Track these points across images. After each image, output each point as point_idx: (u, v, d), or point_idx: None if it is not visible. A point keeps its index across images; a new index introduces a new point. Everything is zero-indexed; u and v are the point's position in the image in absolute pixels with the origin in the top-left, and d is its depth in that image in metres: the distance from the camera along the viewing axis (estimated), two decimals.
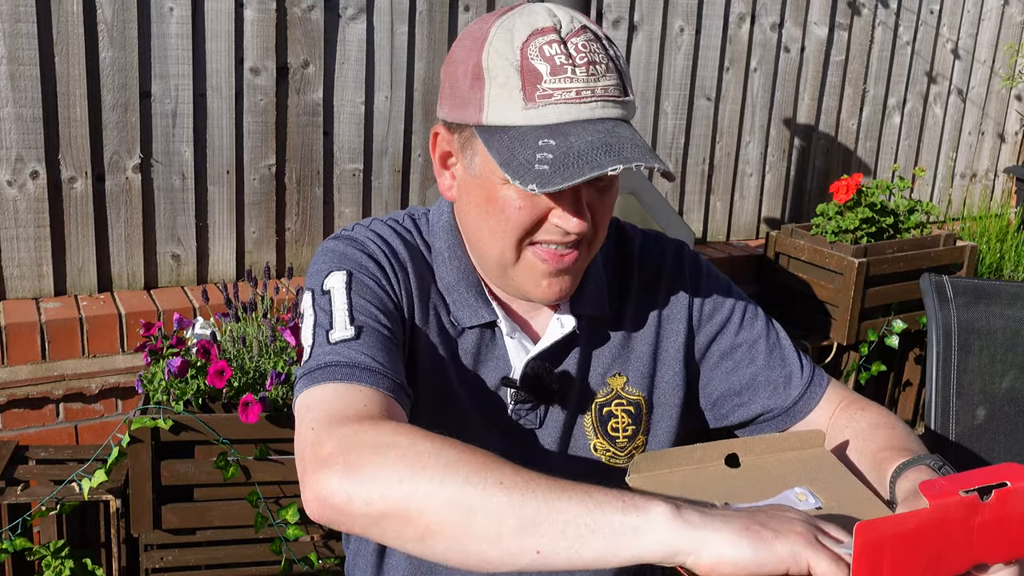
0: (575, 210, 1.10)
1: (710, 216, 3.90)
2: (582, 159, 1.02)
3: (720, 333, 1.33)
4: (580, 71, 1.05)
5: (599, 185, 1.12)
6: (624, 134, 1.06)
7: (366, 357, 1.06)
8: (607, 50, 1.09)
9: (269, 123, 2.97)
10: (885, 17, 4.10)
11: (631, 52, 3.54)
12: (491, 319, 1.23)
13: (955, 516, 0.81)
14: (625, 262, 1.34)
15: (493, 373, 1.25)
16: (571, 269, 1.16)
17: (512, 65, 1.07)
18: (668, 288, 1.33)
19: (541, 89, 1.05)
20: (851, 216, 3.32)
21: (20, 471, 2.35)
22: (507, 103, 1.07)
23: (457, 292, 1.24)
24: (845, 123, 4.15)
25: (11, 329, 2.55)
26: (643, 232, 1.38)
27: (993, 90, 4.56)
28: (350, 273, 1.16)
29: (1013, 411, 1.71)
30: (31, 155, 2.68)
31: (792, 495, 1.03)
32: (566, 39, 1.07)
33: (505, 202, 1.11)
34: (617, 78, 1.09)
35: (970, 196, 4.66)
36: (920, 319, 3.43)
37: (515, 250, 1.15)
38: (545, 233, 1.12)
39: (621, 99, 1.08)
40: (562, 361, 1.27)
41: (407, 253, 1.24)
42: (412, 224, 1.29)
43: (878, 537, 0.77)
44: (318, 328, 1.10)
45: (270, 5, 2.89)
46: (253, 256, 3.06)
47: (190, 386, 2.20)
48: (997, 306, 1.74)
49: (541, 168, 1.03)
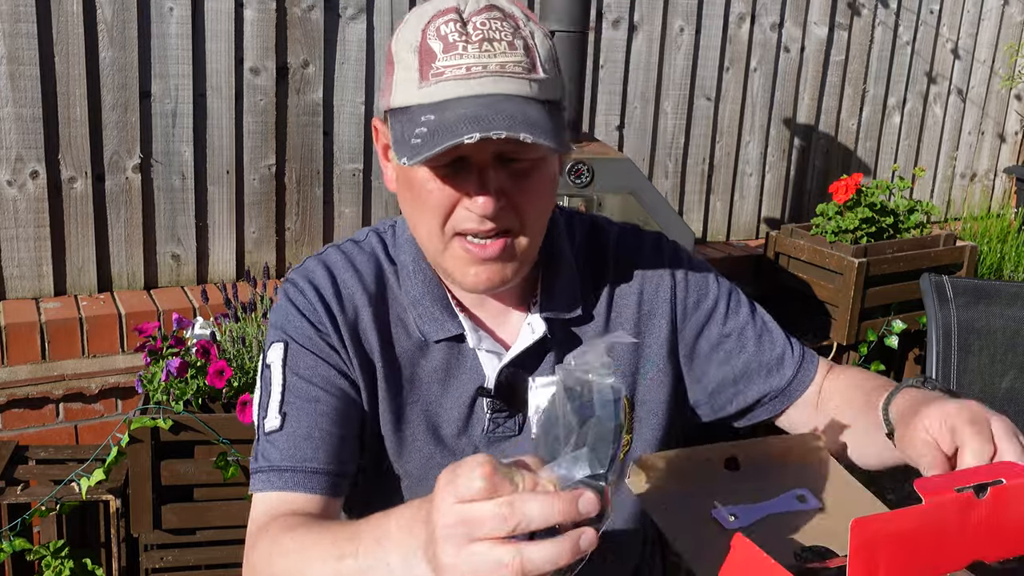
0: (479, 192, 1.08)
1: (710, 216, 3.90)
2: (447, 131, 1.01)
3: (707, 324, 1.31)
4: (472, 48, 1.05)
5: (513, 169, 1.10)
6: (506, 108, 1.02)
7: (283, 454, 1.15)
8: (518, 29, 1.08)
9: (269, 123, 2.97)
10: (885, 17, 4.10)
11: (631, 52, 3.54)
12: (458, 332, 1.22)
13: (951, 513, 0.81)
14: (599, 257, 1.31)
15: (468, 384, 1.23)
16: (500, 257, 1.13)
17: (412, 48, 1.08)
18: (647, 282, 1.30)
19: (434, 68, 1.05)
20: (851, 216, 3.32)
21: (20, 471, 2.35)
22: (407, 85, 1.08)
23: (422, 306, 1.22)
24: (845, 123, 4.15)
25: (11, 329, 2.54)
26: (619, 225, 1.36)
27: (993, 90, 4.56)
28: (286, 345, 1.20)
29: (1013, 411, 1.71)
30: (31, 155, 2.67)
31: (792, 497, 1.03)
32: (468, 18, 1.07)
33: (420, 185, 1.11)
34: (523, 55, 1.06)
35: (970, 196, 4.67)
36: (920, 319, 3.43)
37: (441, 237, 1.13)
38: (464, 221, 1.10)
39: (522, 75, 1.06)
40: (537, 366, 1.25)
41: (357, 285, 1.22)
42: (377, 241, 1.28)
43: (874, 534, 0.77)
44: (260, 408, 1.20)
45: (270, 5, 2.89)
46: (253, 256, 3.06)
47: (190, 386, 2.20)
48: (997, 306, 1.74)
49: (415, 142, 1.03)
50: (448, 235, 1.12)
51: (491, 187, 1.07)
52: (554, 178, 1.17)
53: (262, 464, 1.16)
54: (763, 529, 0.97)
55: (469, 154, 1.07)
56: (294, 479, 1.14)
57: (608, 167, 2.74)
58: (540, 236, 1.18)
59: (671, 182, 3.77)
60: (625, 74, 3.56)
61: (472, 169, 1.08)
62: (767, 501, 1.02)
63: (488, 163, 1.08)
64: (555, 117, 1.08)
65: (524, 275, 1.21)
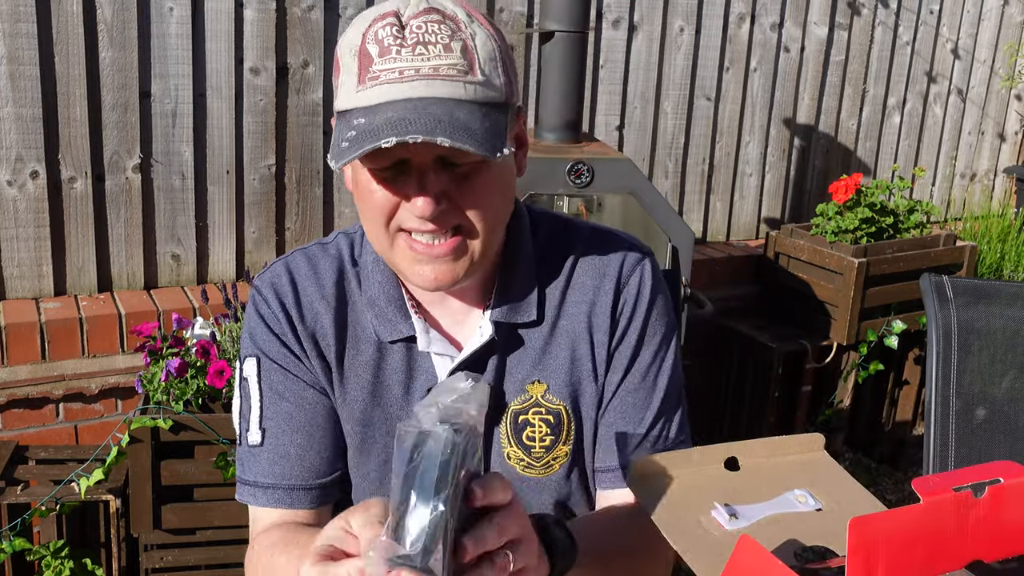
0: (418, 194, 1.07)
1: (710, 216, 3.90)
2: (370, 135, 1.01)
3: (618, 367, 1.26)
4: (406, 51, 1.05)
5: (455, 172, 1.09)
6: (434, 111, 1.02)
7: (265, 470, 1.23)
8: (458, 31, 1.07)
9: (269, 123, 2.97)
10: (885, 17, 4.10)
11: (631, 52, 3.55)
12: (410, 334, 1.22)
13: (949, 512, 0.81)
14: (559, 260, 1.27)
15: (423, 384, 1.23)
16: (453, 256, 1.12)
17: (353, 52, 1.08)
18: (605, 295, 1.25)
19: (371, 72, 1.05)
20: (851, 216, 3.32)
21: (20, 471, 2.35)
22: (347, 89, 1.08)
23: (378, 307, 1.22)
24: (845, 123, 4.15)
25: (11, 329, 2.54)
26: (593, 229, 1.31)
27: (993, 90, 4.56)
28: (259, 360, 1.24)
29: (1013, 411, 1.71)
30: (31, 155, 2.68)
31: (792, 497, 1.03)
32: (406, 22, 1.07)
33: (364, 186, 1.11)
34: (460, 58, 1.06)
35: (970, 196, 4.67)
36: (920, 319, 3.43)
37: (386, 235, 1.13)
38: (407, 220, 1.10)
39: (456, 78, 1.05)
40: (483, 369, 1.23)
41: (317, 291, 1.23)
42: (345, 243, 1.28)
43: (872, 533, 0.77)
44: (242, 419, 1.26)
45: (270, 5, 2.89)
46: (253, 256, 3.06)
47: (190, 386, 2.21)
48: (997, 306, 1.74)
49: (343, 146, 1.04)
50: (392, 232, 1.12)
51: (431, 190, 1.07)
52: (505, 179, 1.15)
53: (248, 477, 1.24)
54: (763, 529, 0.97)
55: (409, 157, 1.07)
56: (275, 496, 1.23)
57: (608, 167, 2.74)
58: (495, 235, 1.16)
59: (671, 182, 3.77)
60: (625, 74, 3.56)
61: (413, 172, 1.07)
62: (767, 501, 1.02)
63: (429, 166, 1.07)
64: (492, 119, 1.07)
65: (480, 274, 1.20)
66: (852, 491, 1.07)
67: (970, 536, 0.83)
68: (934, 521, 0.80)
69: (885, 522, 0.78)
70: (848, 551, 0.76)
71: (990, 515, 0.83)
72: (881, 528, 0.77)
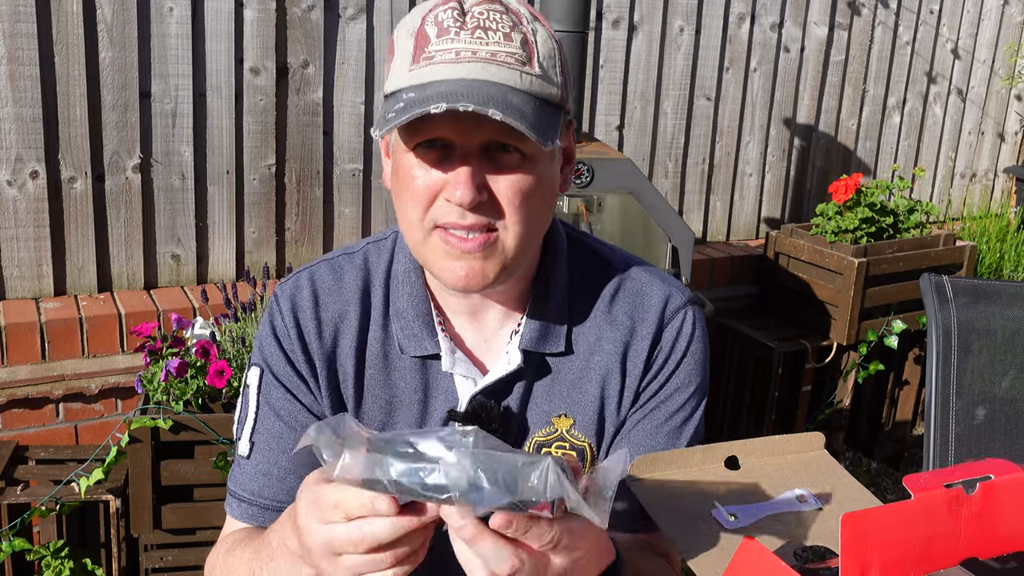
0: (462, 182, 1.05)
1: (710, 216, 3.90)
2: (420, 103, 1.01)
3: (647, 405, 1.24)
4: (465, 34, 1.04)
5: (500, 161, 1.07)
6: (488, 91, 1.01)
7: (245, 485, 1.24)
8: (519, 24, 1.07)
9: (269, 123, 2.97)
10: (885, 17, 4.10)
11: (631, 52, 3.55)
12: (434, 351, 1.19)
13: (940, 508, 0.81)
14: (595, 292, 1.24)
15: (442, 404, 1.21)
16: (482, 254, 1.10)
17: (410, 33, 1.08)
18: (646, 334, 1.23)
19: (426, 52, 1.05)
20: (851, 216, 3.32)
21: (20, 471, 2.35)
22: (400, 70, 1.08)
23: (405, 319, 1.20)
24: (845, 123, 4.15)
25: (11, 329, 2.54)
26: (639, 265, 1.28)
27: (993, 90, 4.56)
28: (262, 372, 1.23)
29: (1013, 411, 1.71)
30: (31, 155, 2.68)
31: (792, 497, 1.03)
32: (468, 8, 1.07)
33: (406, 171, 1.09)
34: (519, 48, 1.05)
35: (970, 196, 4.67)
36: (920, 319, 3.43)
37: (421, 227, 1.10)
38: (444, 215, 1.08)
39: (513, 66, 1.04)
40: (508, 394, 1.21)
41: (337, 306, 1.21)
42: (375, 252, 1.26)
43: (864, 527, 0.77)
44: (238, 426, 1.26)
45: (270, 5, 2.89)
46: (253, 256, 3.06)
47: (190, 386, 2.21)
48: (997, 306, 1.74)
49: (389, 116, 1.03)
50: (428, 227, 1.10)
51: (473, 178, 1.05)
52: (547, 183, 1.12)
53: (231, 485, 1.26)
54: (763, 529, 0.97)
55: (455, 140, 1.05)
56: (249, 512, 1.23)
57: (608, 167, 2.74)
58: (529, 242, 1.13)
59: (671, 182, 3.77)
60: (625, 74, 3.56)
61: (456, 158, 1.06)
62: (767, 501, 1.02)
63: (474, 153, 1.06)
64: (546, 113, 1.06)
65: (512, 288, 1.19)
66: (852, 490, 1.07)
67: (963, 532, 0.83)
68: (926, 516, 0.80)
69: (877, 517, 0.78)
70: (841, 546, 0.76)
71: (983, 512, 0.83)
72: (873, 523, 0.77)
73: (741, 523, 0.97)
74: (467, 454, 0.82)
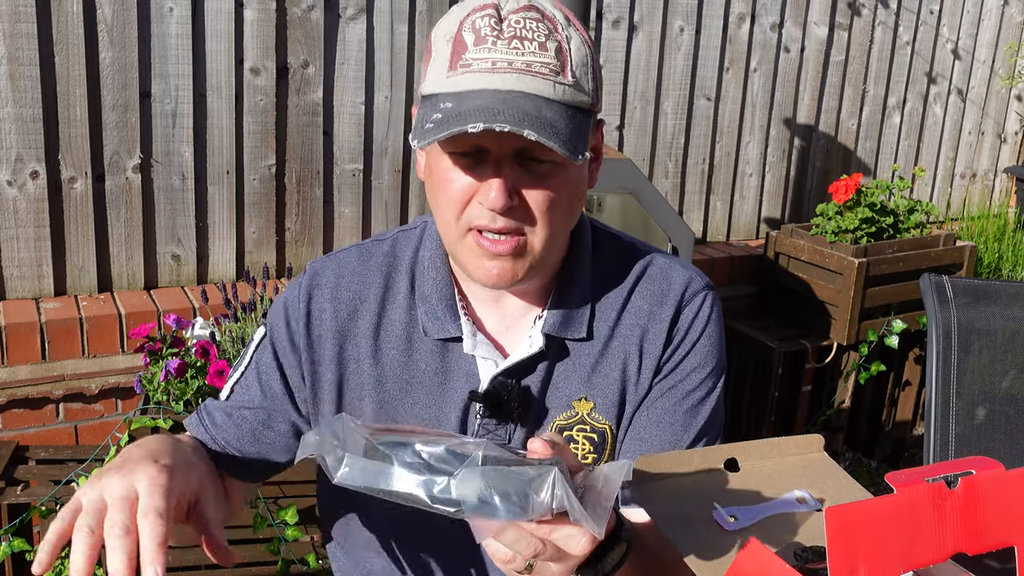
0: (494, 188, 1.09)
1: (710, 216, 3.90)
2: (457, 119, 1.03)
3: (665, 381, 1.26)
4: (502, 43, 1.06)
5: (532, 168, 1.10)
6: (523, 105, 1.04)
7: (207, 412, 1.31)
8: (554, 32, 1.09)
9: (269, 123, 2.97)
10: (885, 17, 4.10)
11: (631, 52, 3.55)
12: (456, 334, 1.23)
13: (924, 502, 0.81)
14: (619, 281, 1.28)
15: (463, 385, 1.24)
16: (512, 255, 1.14)
17: (448, 38, 1.10)
18: (664, 316, 1.26)
19: (464, 59, 1.07)
20: (851, 216, 3.32)
21: (20, 471, 2.35)
22: (437, 74, 1.10)
23: (429, 304, 1.24)
24: (845, 123, 4.15)
25: (11, 329, 2.55)
26: (655, 253, 1.31)
27: (993, 90, 4.56)
28: (264, 334, 1.31)
29: (1013, 411, 1.71)
30: (31, 155, 2.68)
31: (792, 498, 1.03)
32: (505, 15, 1.09)
33: (441, 173, 1.13)
34: (554, 57, 1.07)
35: (970, 196, 4.67)
36: (920, 319, 3.43)
37: (455, 228, 1.14)
38: (477, 217, 1.11)
39: (547, 76, 1.07)
40: (528, 375, 1.24)
41: (358, 287, 1.27)
42: (403, 239, 1.30)
43: (849, 522, 0.77)
44: (233, 371, 1.34)
45: (270, 5, 2.89)
46: (253, 256, 3.06)
47: (190, 386, 2.21)
48: (997, 306, 1.74)
49: (428, 127, 1.05)
50: (463, 228, 1.14)
51: (506, 182, 1.09)
52: (576, 186, 1.16)
53: (201, 409, 1.32)
54: (763, 529, 0.97)
55: (490, 147, 1.08)
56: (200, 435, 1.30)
57: (608, 167, 2.73)
58: (555, 242, 1.17)
59: (671, 182, 3.77)
60: (625, 74, 3.56)
61: (490, 162, 1.09)
62: (767, 502, 1.02)
63: (507, 159, 1.09)
64: (577, 122, 1.09)
65: (537, 280, 1.22)
66: (852, 491, 1.07)
67: (949, 528, 0.83)
68: (910, 510, 0.80)
69: (861, 511, 0.78)
70: (827, 539, 0.77)
71: (967, 507, 0.83)
72: (857, 517, 0.78)
73: (741, 524, 0.97)
74: (477, 470, 0.83)
